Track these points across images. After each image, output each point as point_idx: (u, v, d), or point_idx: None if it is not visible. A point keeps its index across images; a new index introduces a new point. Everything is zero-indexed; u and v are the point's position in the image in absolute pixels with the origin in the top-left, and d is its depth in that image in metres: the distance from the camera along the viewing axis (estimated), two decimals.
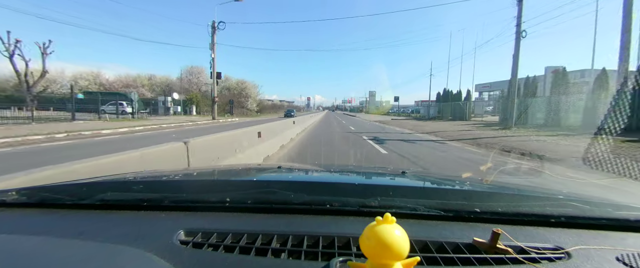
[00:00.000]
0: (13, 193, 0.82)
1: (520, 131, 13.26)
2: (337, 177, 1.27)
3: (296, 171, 1.37)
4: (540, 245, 0.59)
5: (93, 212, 0.75)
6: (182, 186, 0.98)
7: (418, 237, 0.60)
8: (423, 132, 13.97)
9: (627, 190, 3.88)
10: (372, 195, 0.77)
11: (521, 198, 0.83)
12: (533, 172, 4.88)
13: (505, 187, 1.03)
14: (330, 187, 0.95)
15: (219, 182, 1.07)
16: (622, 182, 4.20)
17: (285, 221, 0.69)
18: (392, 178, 1.31)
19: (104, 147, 7.60)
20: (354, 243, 0.58)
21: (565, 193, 0.87)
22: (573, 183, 4.14)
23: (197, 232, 0.63)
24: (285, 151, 6.84)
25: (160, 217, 0.72)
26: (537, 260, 0.55)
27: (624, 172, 4.52)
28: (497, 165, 4.73)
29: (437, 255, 0.56)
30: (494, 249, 0.57)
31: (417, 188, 1.04)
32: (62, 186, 0.90)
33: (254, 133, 5.33)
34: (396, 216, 0.47)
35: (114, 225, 0.67)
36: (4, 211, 0.78)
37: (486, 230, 0.61)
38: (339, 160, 6.21)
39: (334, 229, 0.64)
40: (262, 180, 1.08)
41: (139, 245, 0.56)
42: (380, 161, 6.13)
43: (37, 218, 0.73)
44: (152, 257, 0.53)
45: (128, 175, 1.11)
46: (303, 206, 0.75)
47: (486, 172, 4.27)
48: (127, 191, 0.86)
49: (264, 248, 0.57)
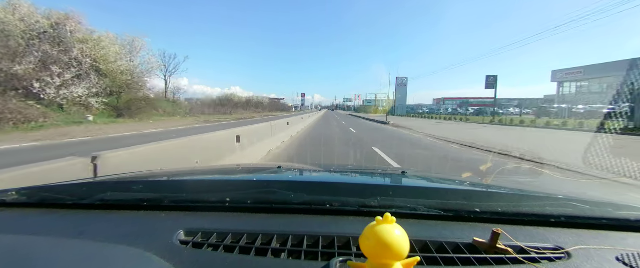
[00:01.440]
0: (13, 194, 0.82)
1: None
2: (337, 177, 1.27)
3: (296, 171, 1.37)
4: (540, 245, 0.59)
5: (93, 212, 0.75)
6: (182, 186, 0.98)
7: (418, 237, 0.60)
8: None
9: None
10: (372, 195, 0.77)
11: (521, 198, 0.83)
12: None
13: (505, 187, 1.03)
14: (330, 187, 0.95)
15: (219, 182, 1.07)
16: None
17: (285, 221, 0.69)
18: (392, 178, 1.31)
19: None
20: (354, 243, 0.58)
21: (565, 193, 0.87)
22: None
23: (197, 232, 0.63)
24: None
25: (160, 217, 0.72)
26: (537, 260, 0.55)
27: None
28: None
29: (437, 255, 0.56)
30: (494, 249, 0.57)
31: (417, 188, 1.04)
32: (62, 186, 0.90)
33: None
34: (396, 216, 0.47)
35: (114, 225, 0.67)
36: (4, 211, 0.78)
37: (486, 230, 0.61)
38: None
39: (334, 229, 0.64)
40: (262, 180, 1.08)
41: (139, 245, 0.56)
42: None
43: (37, 218, 0.73)
44: (152, 257, 0.53)
45: (128, 175, 1.11)
46: (303, 206, 0.75)
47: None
48: (127, 191, 0.86)
49: (264, 249, 0.57)
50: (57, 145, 8.56)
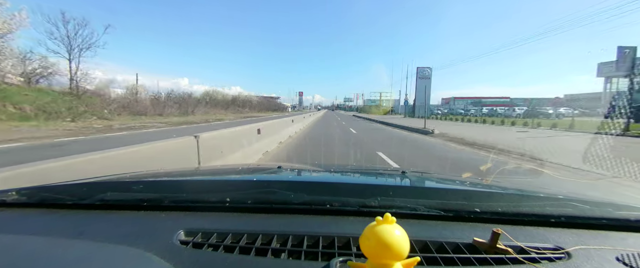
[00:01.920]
0: (13, 193, 0.82)
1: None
2: (337, 177, 1.27)
3: (296, 171, 1.37)
4: (540, 245, 0.59)
5: (93, 212, 0.75)
6: (182, 186, 0.98)
7: (418, 237, 0.60)
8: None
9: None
10: (372, 195, 0.77)
11: (521, 198, 0.83)
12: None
13: (505, 187, 1.03)
14: (330, 187, 0.94)
15: (219, 182, 1.07)
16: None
17: (285, 221, 0.69)
18: (392, 178, 1.31)
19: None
20: (354, 243, 0.58)
21: (565, 193, 0.87)
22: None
23: (197, 232, 0.63)
24: None
25: (160, 217, 0.72)
26: (537, 260, 0.55)
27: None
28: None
29: (437, 255, 0.56)
30: (494, 249, 0.56)
31: (417, 188, 1.04)
32: (63, 186, 0.90)
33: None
34: (396, 216, 0.47)
35: (114, 225, 0.67)
36: (4, 211, 0.78)
37: (486, 230, 0.61)
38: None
39: (334, 229, 0.64)
40: (262, 180, 1.08)
41: (139, 245, 0.56)
42: None
43: (37, 218, 0.73)
44: (152, 257, 0.53)
45: (128, 175, 1.11)
46: (303, 206, 0.75)
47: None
48: (127, 191, 0.86)
49: (264, 249, 0.57)
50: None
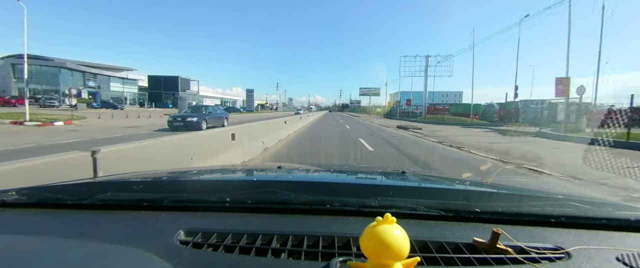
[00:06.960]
0: (13, 193, 0.82)
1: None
2: (337, 177, 1.27)
3: (296, 171, 1.37)
4: (540, 245, 0.59)
5: (93, 212, 0.75)
6: (182, 186, 0.98)
7: (418, 237, 0.60)
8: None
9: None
10: (372, 195, 0.77)
11: (521, 198, 0.83)
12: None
13: (505, 187, 1.03)
14: (330, 187, 0.94)
15: (219, 182, 1.07)
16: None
17: (285, 221, 0.69)
18: (392, 178, 1.30)
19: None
20: (354, 243, 0.58)
21: (565, 193, 0.87)
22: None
23: (197, 232, 0.63)
24: None
25: (160, 217, 0.72)
26: (537, 260, 0.55)
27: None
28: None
29: (437, 255, 0.56)
30: (494, 249, 0.56)
31: (417, 188, 1.04)
32: (63, 186, 0.90)
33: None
34: (396, 216, 0.47)
35: (114, 225, 0.67)
36: (4, 211, 0.78)
37: (486, 230, 0.61)
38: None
39: (334, 229, 0.64)
40: (262, 180, 1.08)
41: (139, 245, 0.56)
42: None
43: (37, 218, 0.73)
44: (152, 257, 0.53)
45: (128, 175, 1.11)
46: (303, 206, 0.75)
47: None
48: (127, 191, 0.86)
49: (264, 249, 0.57)
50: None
